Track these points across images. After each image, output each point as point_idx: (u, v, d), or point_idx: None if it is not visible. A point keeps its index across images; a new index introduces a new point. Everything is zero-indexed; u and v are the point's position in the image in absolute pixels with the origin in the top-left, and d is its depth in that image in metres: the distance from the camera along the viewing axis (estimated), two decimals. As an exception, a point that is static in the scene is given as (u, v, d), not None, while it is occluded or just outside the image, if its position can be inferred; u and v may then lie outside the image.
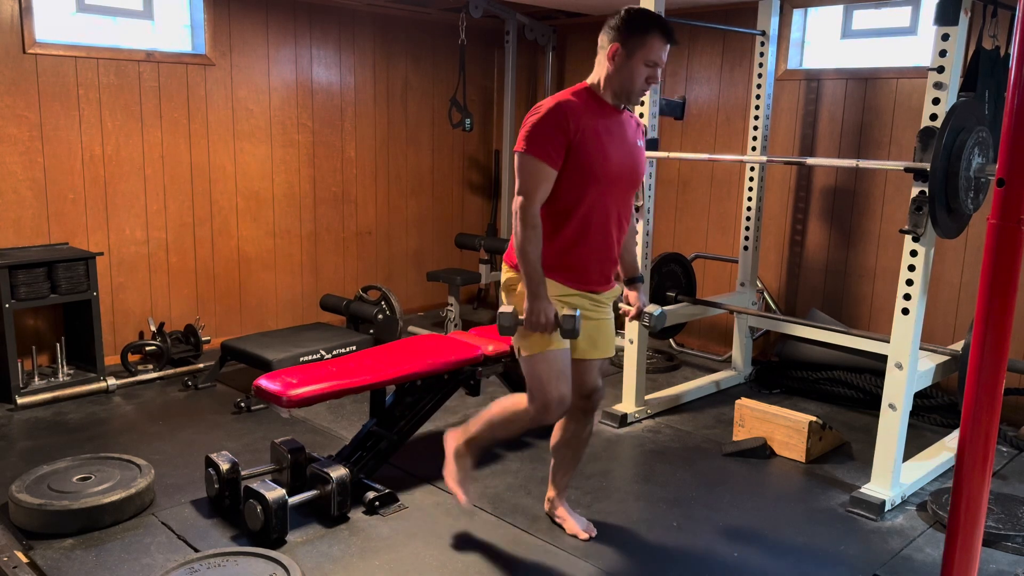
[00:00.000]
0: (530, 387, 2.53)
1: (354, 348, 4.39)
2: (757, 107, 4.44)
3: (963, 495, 1.69)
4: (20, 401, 3.96)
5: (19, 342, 4.13)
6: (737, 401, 3.77)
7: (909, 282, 3.00)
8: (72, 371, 4.30)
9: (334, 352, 4.27)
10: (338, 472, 2.92)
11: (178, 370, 4.50)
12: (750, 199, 4.52)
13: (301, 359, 4.14)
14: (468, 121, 5.44)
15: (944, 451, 3.56)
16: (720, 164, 5.11)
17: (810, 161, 3.61)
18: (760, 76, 4.42)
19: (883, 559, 2.80)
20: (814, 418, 3.56)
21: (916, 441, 3.65)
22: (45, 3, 4.28)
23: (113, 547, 2.74)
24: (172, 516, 2.96)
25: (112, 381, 4.23)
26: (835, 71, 4.62)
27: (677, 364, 4.95)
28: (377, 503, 3.01)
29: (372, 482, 3.10)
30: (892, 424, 3.11)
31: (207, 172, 4.89)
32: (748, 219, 4.54)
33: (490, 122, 6.23)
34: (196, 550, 2.72)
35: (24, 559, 2.61)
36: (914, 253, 2.97)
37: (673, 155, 3.91)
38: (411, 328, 5.41)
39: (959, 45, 2.85)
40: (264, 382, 3.01)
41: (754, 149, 4.48)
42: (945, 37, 2.84)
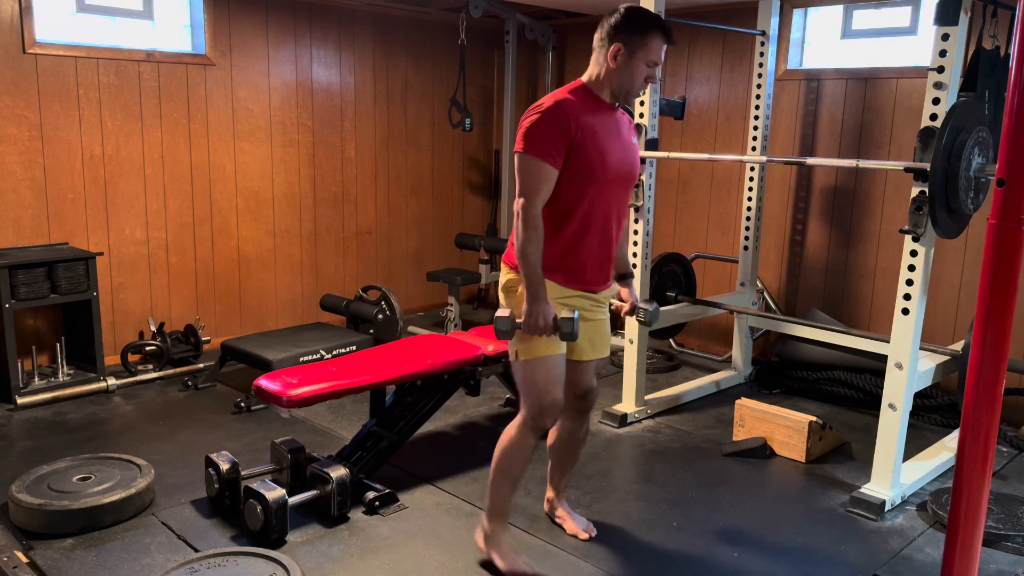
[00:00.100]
0: (524, 392, 2.52)
1: (354, 348, 4.39)
2: (757, 107, 4.44)
3: (963, 495, 1.69)
4: (20, 401, 3.96)
5: (19, 342, 4.13)
6: (737, 401, 3.77)
7: (909, 282, 3.00)
8: (72, 371, 4.30)
9: (334, 352, 4.27)
10: (338, 472, 2.92)
11: (178, 370, 4.50)
12: (750, 199, 4.52)
13: (301, 359, 4.14)
14: (468, 121, 5.44)
15: (944, 451, 3.56)
16: (720, 164, 5.11)
17: (810, 161, 3.61)
18: (760, 76, 4.42)
19: (883, 559, 2.80)
20: (814, 418, 3.56)
21: (916, 441, 3.65)
22: (45, 3, 4.28)
23: (113, 547, 2.74)
24: (172, 516, 2.96)
25: (112, 381, 4.23)
26: (835, 71, 4.62)
27: (677, 364, 4.95)
28: (377, 503, 3.01)
29: (372, 482, 3.09)
30: (892, 424, 3.11)
31: (207, 172, 4.89)
32: (748, 219, 4.54)
33: (490, 122, 6.23)
34: (196, 550, 2.72)
35: (24, 559, 2.61)
36: (914, 253, 2.98)
37: (673, 155, 3.90)
38: (411, 328, 5.41)
39: (959, 45, 2.85)
40: (264, 382, 3.01)
41: (754, 149, 4.48)
42: (945, 37, 2.84)
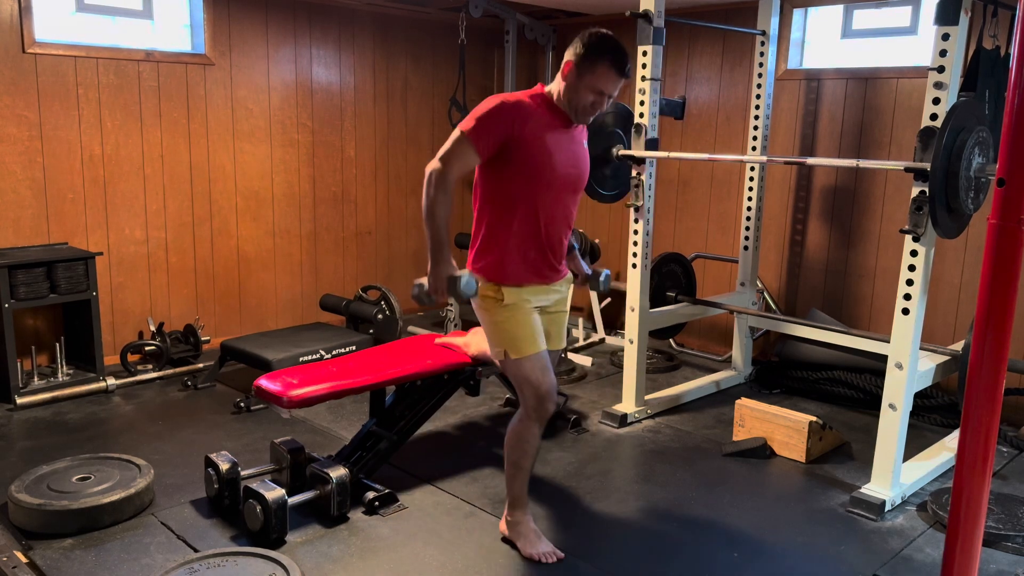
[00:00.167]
0: (520, 386, 2.65)
1: (354, 348, 4.39)
2: (757, 107, 4.43)
3: (963, 495, 1.69)
4: (19, 401, 3.96)
5: (18, 342, 4.13)
6: (737, 401, 3.77)
7: (909, 282, 3.00)
8: (72, 371, 4.29)
9: (334, 352, 4.27)
10: (338, 472, 2.91)
11: (178, 370, 4.49)
12: (750, 199, 4.51)
13: (301, 359, 4.14)
14: (468, 121, 5.43)
15: (944, 451, 3.56)
16: (720, 164, 5.11)
17: (810, 161, 3.61)
18: (760, 76, 4.42)
19: (883, 559, 2.79)
20: (814, 418, 3.56)
21: (916, 441, 3.65)
22: (45, 3, 4.27)
23: (113, 547, 2.74)
24: (172, 516, 2.96)
25: (112, 381, 4.23)
26: (835, 71, 4.62)
27: (677, 364, 4.95)
28: (377, 503, 3.01)
29: (372, 482, 3.09)
30: (892, 424, 3.11)
31: (207, 172, 4.88)
32: (748, 219, 4.53)
33: (490, 122, 6.22)
34: (196, 550, 2.71)
35: (23, 559, 2.61)
36: (914, 253, 2.97)
37: (673, 155, 3.90)
38: (411, 328, 5.41)
39: (959, 45, 2.84)
40: (264, 382, 3.01)
41: (754, 149, 4.48)
42: (945, 37, 2.83)
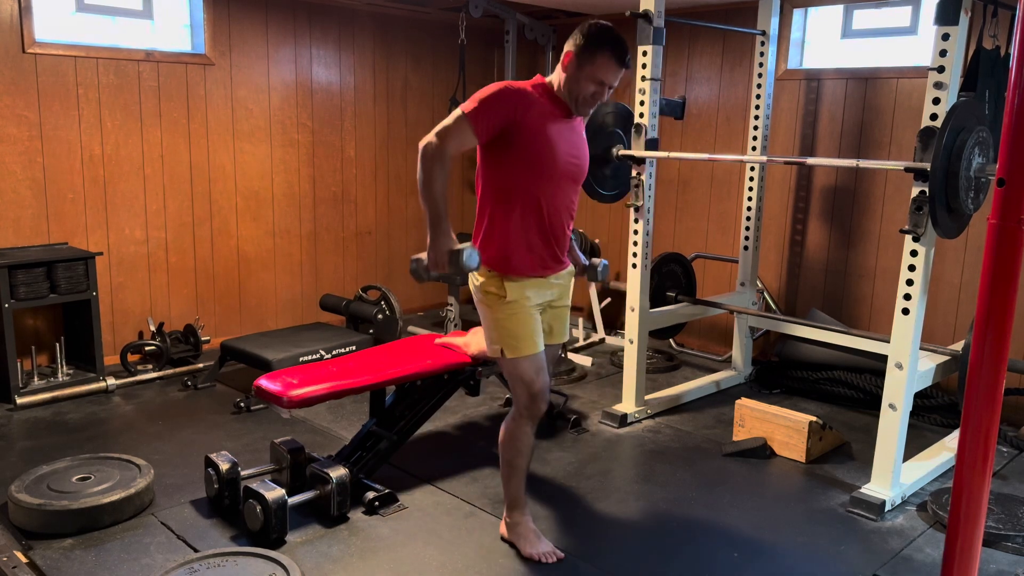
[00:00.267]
0: (513, 384, 2.66)
1: (354, 348, 4.38)
2: (757, 107, 4.43)
3: (963, 495, 1.69)
4: (19, 401, 3.96)
5: (18, 342, 4.13)
6: (737, 401, 3.77)
7: (909, 282, 3.00)
8: (72, 371, 4.29)
9: (334, 352, 4.27)
10: (338, 472, 2.91)
11: (178, 370, 4.49)
12: (750, 199, 4.51)
13: (301, 359, 4.14)
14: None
15: (944, 451, 3.56)
16: (720, 164, 5.11)
17: (810, 161, 3.61)
18: (760, 76, 4.42)
19: (883, 559, 2.79)
20: (814, 418, 3.56)
21: (916, 441, 3.65)
22: (45, 3, 4.27)
23: (113, 547, 2.73)
24: (172, 516, 2.96)
25: (112, 381, 4.23)
26: (835, 71, 4.62)
27: (677, 364, 4.95)
28: (377, 503, 3.01)
29: (372, 482, 3.09)
30: (892, 424, 3.11)
31: (207, 172, 4.88)
32: (748, 219, 4.53)
33: (490, 122, 6.22)
34: (196, 550, 2.71)
35: (23, 559, 2.61)
36: (914, 253, 2.97)
37: (673, 155, 3.90)
38: (411, 328, 5.41)
39: (959, 45, 2.84)
40: (264, 382, 3.01)
41: (754, 149, 4.48)
42: (945, 37, 2.83)
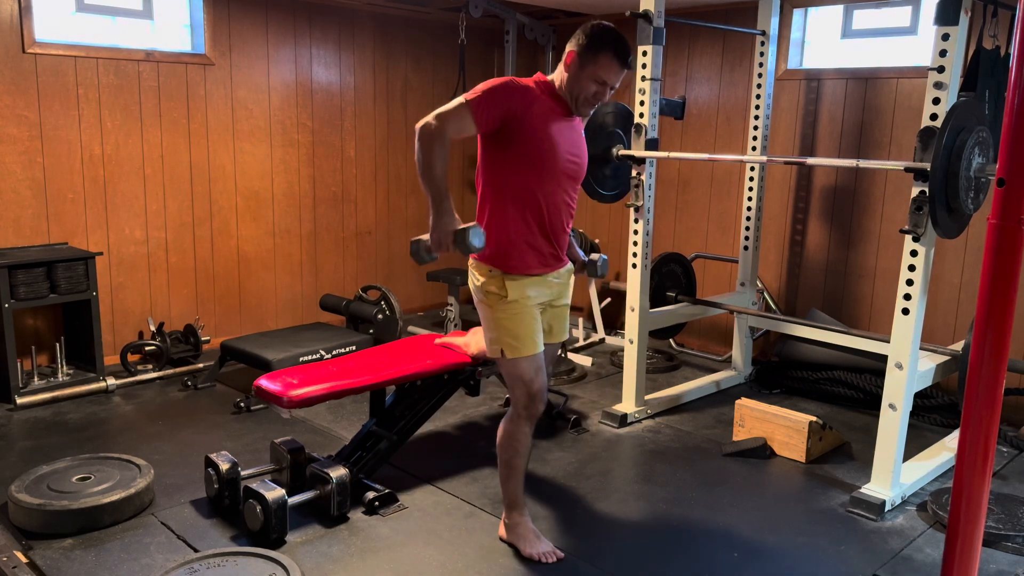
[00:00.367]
0: (512, 384, 2.66)
1: (354, 348, 4.38)
2: (757, 107, 4.43)
3: (963, 495, 1.69)
4: (20, 401, 3.96)
5: (18, 342, 4.13)
6: (737, 401, 3.77)
7: (909, 282, 3.00)
8: (72, 371, 4.29)
9: (334, 352, 4.27)
10: (338, 472, 2.91)
11: (178, 370, 4.49)
12: (750, 199, 4.51)
13: (301, 359, 4.14)
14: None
15: (944, 451, 3.56)
16: (720, 164, 5.11)
17: (810, 161, 3.61)
18: (760, 76, 4.42)
19: (883, 559, 2.79)
20: (814, 418, 3.56)
21: (916, 441, 3.65)
22: (45, 3, 4.27)
23: (113, 547, 2.73)
24: (172, 516, 2.96)
25: (112, 381, 4.23)
26: (835, 71, 4.62)
27: (677, 364, 4.95)
28: (377, 503, 3.01)
29: (372, 482, 3.09)
30: (892, 424, 3.11)
31: (207, 172, 4.88)
32: (748, 219, 4.53)
33: (490, 122, 6.21)
34: (196, 550, 2.71)
35: (23, 559, 2.61)
36: (914, 253, 2.97)
37: (673, 155, 3.90)
38: (411, 328, 5.41)
39: (959, 45, 2.84)
40: (265, 382, 3.01)
41: (754, 149, 4.48)
42: (945, 37, 2.83)
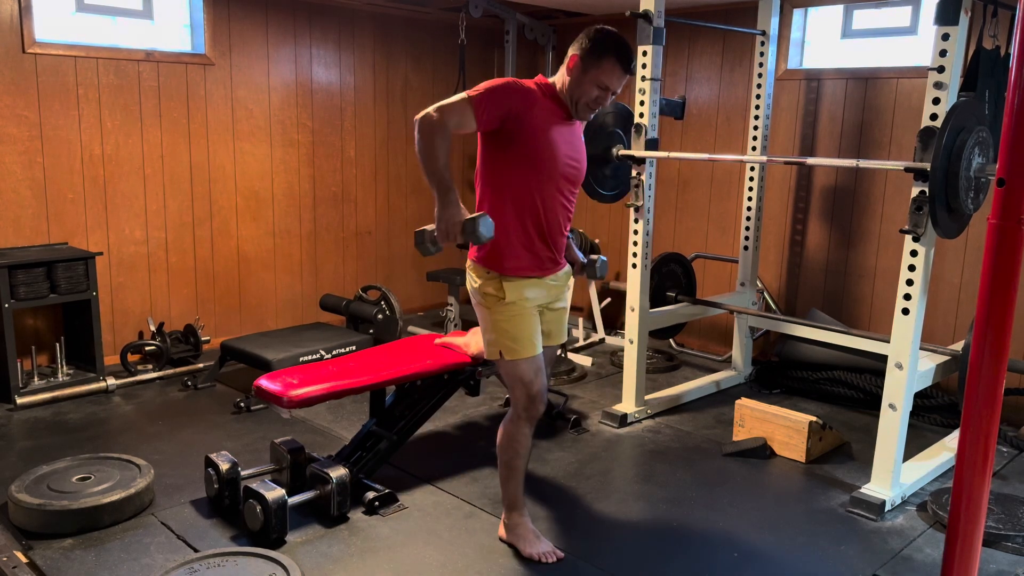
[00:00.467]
0: (512, 386, 2.66)
1: (354, 348, 4.38)
2: (757, 107, 4.43)
3: (963, 495, 1.69)
4: (20, 401, 3.96)
5: (18, 342, 4.12)
6: (737, 401, 3.77)
7: (909, 282, 3.00)
8: (72, 371, 4.29)
9: (334, 352, 4.27)
10: (338, 472, 2.91)
11: (178, 370, 4.49)
12: (750, 199, 4.51)
13: (301, 359, 4.14)
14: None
15: (944, 451, 3.56)
16: (720, 164, 5.11)
17: (810, 161, 3.61)
18: (760, 76, 4.42)
19: (883, 559, 2.79)
20: (814, 418, 3.56)
21: (916, 441, 3.65)
22: (45, 3, 4.27)
23: (113, 547, 2.74)
24: (172, 516, 2.96)
25: (112, 381, 4.23)
26: (835, 71, 4.62)
27: (677, 364, 4.95)
28: (377, 503, 3.01)
29: (372, 482, 3.09)
30: (892, 424, 3.11)
31: (207, 172, 4.88)
32: (748, 219, 4.53)
33: (490, 122, 6.21)
34: (196, 550, 2.71)
35: (23, 559, 2.61)
36: (914, 253, 2.97)
37: (673, 155, 3.90)
38: (411, 328, 5.41)
39: (959, 45, 2.84)
40: (265, 382, 3.01)
41: (754, 149, 4.48)
42: (945, 37, 2.83)
